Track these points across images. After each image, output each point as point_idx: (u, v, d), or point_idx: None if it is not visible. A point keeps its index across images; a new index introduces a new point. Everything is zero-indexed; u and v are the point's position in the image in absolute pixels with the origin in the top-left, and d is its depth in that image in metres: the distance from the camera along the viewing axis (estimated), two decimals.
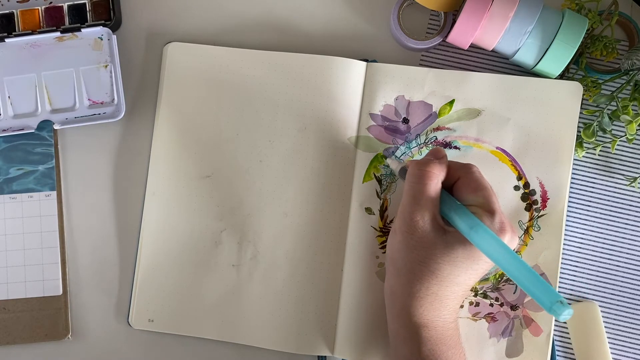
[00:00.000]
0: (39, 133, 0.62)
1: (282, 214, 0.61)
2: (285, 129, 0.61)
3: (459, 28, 0.58)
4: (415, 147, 0.61)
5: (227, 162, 0.62)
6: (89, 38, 0.62)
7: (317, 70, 0.61)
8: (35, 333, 0.61)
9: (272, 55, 0.62)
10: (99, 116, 0.62)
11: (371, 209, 0.61)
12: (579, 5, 0.61)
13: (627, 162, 0.63)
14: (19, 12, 0.63)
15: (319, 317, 0.60)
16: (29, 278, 0.61)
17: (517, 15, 0.57)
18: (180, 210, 0.61)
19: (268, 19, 0.64)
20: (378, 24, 0.64)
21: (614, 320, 0.62)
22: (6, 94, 0.62)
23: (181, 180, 0.62)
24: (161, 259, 0.61)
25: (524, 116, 0.60)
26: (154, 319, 0.60)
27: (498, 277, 0.60)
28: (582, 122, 0.62)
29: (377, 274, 0.60)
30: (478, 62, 0.64)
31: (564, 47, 0.57)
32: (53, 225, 0.62)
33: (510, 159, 0.60)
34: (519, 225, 0.60)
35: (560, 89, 0.60)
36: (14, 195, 0.62)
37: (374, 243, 0.60)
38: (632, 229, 0.62)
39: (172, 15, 0.65)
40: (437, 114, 0.61)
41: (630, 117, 0.58)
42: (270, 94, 0.62)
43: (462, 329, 0.59)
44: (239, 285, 0.61)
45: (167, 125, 0.62)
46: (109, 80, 0.62)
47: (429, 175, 0.52)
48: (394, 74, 0.61)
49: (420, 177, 0.52)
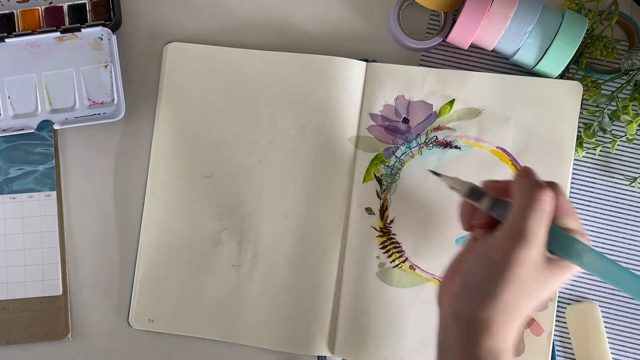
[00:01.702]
0: (39, 133, 0.62)
1: (282, 214, 0.61)
2: (285, 129, 0.61)
3: (459, 28, 0.58)
4: (416, 147, 0.61)
5: (227, 162, 0.62)
6: (89, 38, 0.62)
7: (317, 70, 0.61)
8: (35, 333, 0.61)
9: (272, 55, 0.62)
10: (99, 116, 0.62)
11: (371, 209, 0.61)
12: (579, 5, 0.61)
13: (627, 162, 0.63)
14: (19, 12, 0.63)
15: (319, 317, 0.60)
16: (29, 278, 0.61)
17: (517, 15, 0.57)
18: (180, 211, 0.61)
19: (268, 19, 0.64)
20: (378, 24, 0.64)
21: (614, 320, 0.62)
22: (6, 94, 0.62)
23: (181, 180, 0.62)
24: (161, 259, 0.61)
25: (524, 116, 0.60)
26: (154, 319, 0.60)
27: None
28: (582, 122, 0.62)
29: (377, 274, 0.60)
30: (478, 62, 0.64)
31: (564, 47, 0.57)
32: (53, 225, 0.62)
33: (511, 159, 0.61)
34: None
35: (560, 88, 0.60)
36: (14, 195, 0.62)
37: (374, 243, 0.60)
38: (632, 229, 0.62)
39: (172, 15, 0.65)
40: (437, 114, 0.61)
41: (630, 117, 0.58)
42: (270, 94, 0.62)
43: None
44: (238, 285, 0.61)
45: (167, 125, 0.62)
46: (109, 80, 0.62)
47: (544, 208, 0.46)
48: (394, 74, 0.61)
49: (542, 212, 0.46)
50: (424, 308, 0.60)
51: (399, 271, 0.60)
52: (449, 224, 0.60)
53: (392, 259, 0.60)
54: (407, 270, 0.60)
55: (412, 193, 0.61)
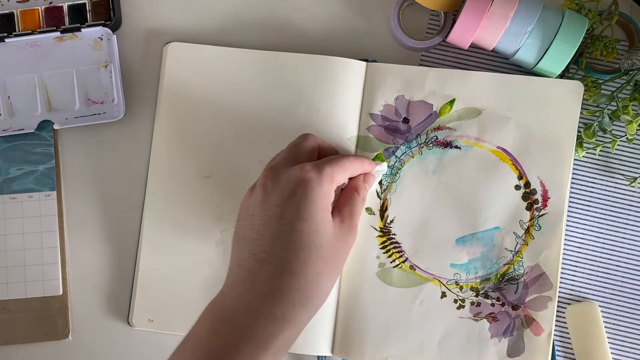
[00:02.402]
0: (39, 133, 0.62)
1: None
2: (285, 129, 0.61)
3: (459, 28, 0.58)
4: (416, 147, 0.61)
5: (227, 162, 0.62)
6: (88, 38, 0.62)
7: (317, 70, 0.61)
8: (35, 333, 0.61)
9: (272, 55, 0.62)
10: (99, 116, 0.62)
11: (371, 209, 0.61)
12: (579, 5, 0.61)
13: (627, 162, 0.63)
14: (19, 12, 0.63)
15: (318, 317, 0.60)
16: (29, 278, 0.61)
17: (517, 15, 0.57)
18: (180, 211, 0.61)
19: (268, 19, 0.64)
20: (378, 24, 0.64)
21: (614, 320, 0.62)
22: (6, 94, 0.62)
23: (181, 180, 0.62)
24: (161, 259, 0.61)
25: (525, 115, 0.60)
26: (154, 319, 0.60)
27: (499, 277, 0.60)
28: (583, 122, 0.62)
29: (377, 274, 0.60)
30: (478, 62, 0.64)
31: (564, 47, 0.58)
32: (53, 225, 0.62)
33: (511, 159, 0.61)
34: (520, 225, 0.60)
35: (560, 88, 0.60)
36: (14, 195, 0.62)
37: (374, 243, 0.60)
38: (632, 229, 0.62)
39: (172, 15, 0.65)
40: (437, 114, 0.61)
41: (630, 117, 0.58)
42: (270, 94, 0.62)
43: (463, 329, 0.59)
44: None
45: (167, 125, 0.62)
46: (108, 80, 0.62)
47: None
48: (394, 73, 0.61)
49: None
50: (424, 308, 0.60)
51: (399, 271, 0.60)
52: (448, 224, 0.60)
53: (392, 259, 0.60)
54: (407, 270, 0.60)
55: (412, 193, 0.61)
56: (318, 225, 0.50)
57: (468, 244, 0.60)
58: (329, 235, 0.50)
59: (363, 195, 0.56)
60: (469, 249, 0.60)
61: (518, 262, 0.60)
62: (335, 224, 0.52)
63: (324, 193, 0.50)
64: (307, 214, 0.49)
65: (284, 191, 0.50)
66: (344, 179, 0.54)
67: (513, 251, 0.60)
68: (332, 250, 0.51)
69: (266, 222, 0.50)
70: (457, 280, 0.60)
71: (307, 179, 0.50)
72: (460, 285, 0.60)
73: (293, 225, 0.49)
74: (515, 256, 0.60)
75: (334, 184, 0.52)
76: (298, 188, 0.50)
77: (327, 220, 0.51)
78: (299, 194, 0.49)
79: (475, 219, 0.60)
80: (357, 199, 0.55)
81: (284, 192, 0.50)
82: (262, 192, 0.51)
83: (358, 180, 0.56)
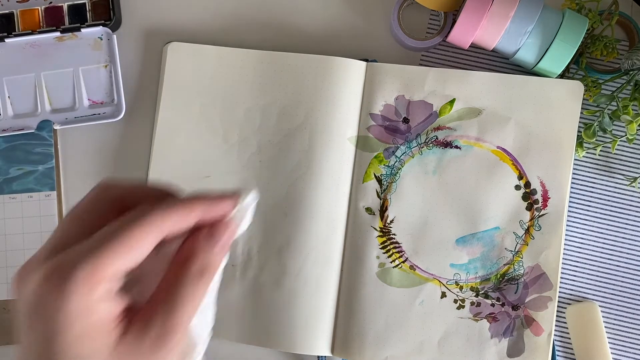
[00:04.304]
0: (39, 133, 0.62)
1: (282, 214, 0.61)
2: (284, 129, 0.61)
3: (459, 28, 0.58)
4: (416, 147, 0.61)
5: (227, 162, 0.62)
6: (88, 38, 0.62)
7: (316, 70, 0.61)
8: None
9: (272, 55, 0.62)
10: (99, 116, 0.62)
11: (371, 209, 0.61)
12: (579, 5, 0.61)
13: (627, 162, 0.63)
14: (19, 12, 0.63)
15: (319, 318, 0.60)
16: None
17: (517, 15, 0.57)
18: None
19: (268, 19, 0.64)
20: (378, 24, 0.64)
21: (614, 320, 0.62)
22: (6, 94, 0.62)
23: (181, 180, 0.61)
24: None
25: (525, 115, 0.60)
26: None
27: (499, 277, 0.60)
28: (583, 122, 0.62)
29: (377, 274, 0.60)
30: (478, 62, 0.64)
31: (564, 47, 0.57)
32: (53, 225, 0.61)
33: (511, 159, 0.60)
34: (520, 225, 0.60)
35: (561, 88, 0.60)
36: (14, 195, 0.62)
37: (374, 243, 0.60)
38: (632, 229, 0.62)
39: (172, 15, 0.65)
40: (437, 114, 0.61)
41: (630, 117, 0.58)
42: (270, 94, 0.62)
43: (463, 329, 0.59)
44: (238, 285, 0.61)
45: (167, 125, 0.62)
46: (108, 80, 0.62)
47: None
48: (394, 73, 0.61)
49: None
50: (424, 308, 0.60)
51: (399, 271, 0.60)
52: (448, 224, 0.60)
53: (392, 259, 0.60)
54: (407, 270, 0.60)
55: (412, 193, 0.61)
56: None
57: (468, 244, 0.60)
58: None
59: (201, 268, 0.35)
60: (469, 249, 0.60)
61: (518, 262, 0.60)
62: (126, 338, 0.32)
63: (74, 313, 0.31)
64: (51, 352, 0.32)
65: (22, 319, 0.34)
66: (150, 247, 0.33)
67: (513, 251, 0.60)
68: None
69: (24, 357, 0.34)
70: (457, 280, 0.60)
71: (38, 302, 0.32)
72: (460, 285, 0.60)
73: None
74: (515, 256, 0.60)
75: (106, 283, 0.32)
76: (33, 316, 0.32)
77: (95, 347, 0.31)
78: (36, 326, 0.33)
79: (475, 219, 0.60)
80: (185, 286, 0.34)
81: (23, 321, 0.34)
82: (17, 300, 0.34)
83: (196, 242, 0.34)
